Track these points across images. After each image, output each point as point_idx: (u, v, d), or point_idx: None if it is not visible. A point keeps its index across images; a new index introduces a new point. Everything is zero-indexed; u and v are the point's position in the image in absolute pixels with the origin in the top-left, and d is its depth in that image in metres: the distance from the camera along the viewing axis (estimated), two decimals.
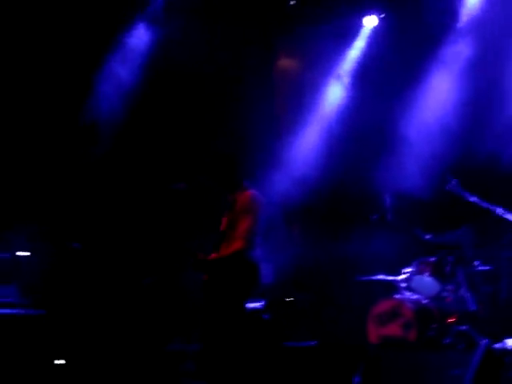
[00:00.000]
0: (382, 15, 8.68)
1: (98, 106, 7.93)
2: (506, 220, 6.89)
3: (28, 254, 6.98)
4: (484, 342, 4.51)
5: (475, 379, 4.22)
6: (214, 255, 5.28)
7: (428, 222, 7.50)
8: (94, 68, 7.87)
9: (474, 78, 7.87)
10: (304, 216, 8.60)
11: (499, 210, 6.89)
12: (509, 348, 6.05)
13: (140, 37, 8.08)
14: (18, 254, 6.92)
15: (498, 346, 6.13)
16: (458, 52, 8.06)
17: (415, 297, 7.17)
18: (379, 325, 7.02)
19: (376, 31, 8.75)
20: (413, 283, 7.28)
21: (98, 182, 7.89)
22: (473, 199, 7.01)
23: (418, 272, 7.32)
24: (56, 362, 6.45)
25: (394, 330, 6.91)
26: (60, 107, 7.77)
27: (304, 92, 9.08)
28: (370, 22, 8.84)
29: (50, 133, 7.77)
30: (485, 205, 6.96)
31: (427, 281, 7.25)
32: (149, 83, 8.05)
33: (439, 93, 8.16)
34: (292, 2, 8.59)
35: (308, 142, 8.80)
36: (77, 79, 7.78)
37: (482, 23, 7.90)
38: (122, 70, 8.01)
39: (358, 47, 8.88)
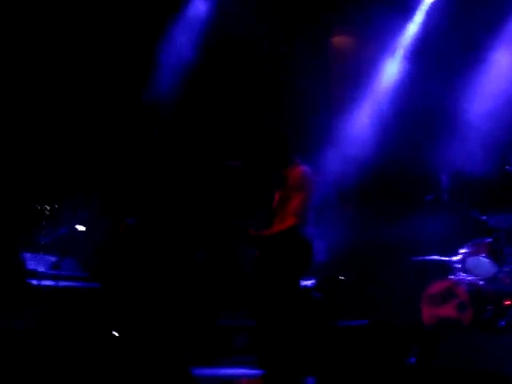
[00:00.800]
0: None
1: (159, 82, 7.97)
2: None
3: (85, 228, 7.10)
4: None
5: None
6: (266, 231, 5.31)
7: (485, 203, 7.36)
8: (155, 41, 7.93)
9: None
10: (358, 195, 8.52)
11: None
12: None
13: (198, 9, 8.15)
14: (77, 228, 7.04)
15: None
16: None
17: (470, 278, 7.05)
18: (433, 305, 6.93)
19: (436, 5, 8.51)
20: (468, 264, 7.16)
21: (156, 158, 7.96)
22: None
23: (474, 253, 7.18)
24: (114, 332, 6.58)
25: (448, 311, 6.82)
26: (123, 83, 7.88)
27: (359, 69, 8.94)
28: None
29: (111, 109, 7.89)
30: None
31: (483, 262, 7.10)
32: (205, 58, 8.08)
33: (501, 71, 7.95)
34: None
35: (363, 119, 8.71)
36: (140, 53, 7.88)
37: None
38: (182, 43, 8.06)
39: (416, 22, 8.68)
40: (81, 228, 7.10)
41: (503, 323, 6.57)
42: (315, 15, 8.75)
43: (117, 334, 6.62)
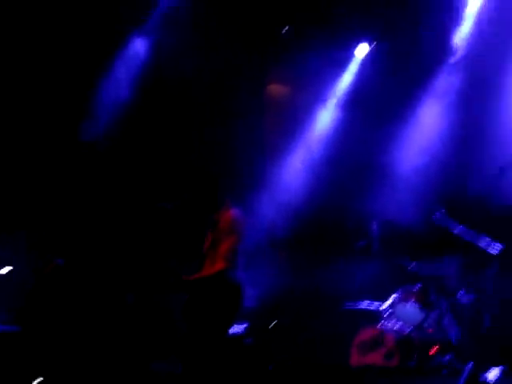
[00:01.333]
0: (374, 44, 8.74)
1: (97, 119, 7.92)
2: (490, 253, 6.90)
3: (9, 269, 6.95)
4: (467, 367, 4.53)
5: None
6: (196, 275, 5.28)
7: (414, 252, 7.51)
8: (94, 79, 7.88)
9: (465, 111, 7.97)
10: (290, 241, 8.56)
11: (484, 242, 6.91)
12: (490, 380, 6.05)
13: (138, 48, 8.13)
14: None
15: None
16: (450, 84, 8.17)
17: (398, 325, 7.18)
18: (362, 353, 7.03)
19: (368, 60, 8.82)
20: (397, 311, 7.30)
21: (85, 197, 7.85)
22: (458, 231, 7.03)
23: (402, 300, 7.33)
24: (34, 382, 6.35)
25: (375, 358, 6.93)
26: (60, 120, 7.77)
27: (294, 117, 9.10)
28: (362, 50, 8.88)
29: (45, 144, 7.74)
30: (469, 237, 6.97)
31: (411, 309, 7.24)
32: (142, 97, 8.07)
33: (430, 123, 8.26)
34: (285, 30, 8.63)
35: (296, 166, 8.81)
36: (78, 88, 7.79)
37: (473, 58, 8.03)
38: (120, 81, 8.04)
39: (349, 75, 8.94)
40: (4, 270, 6.94)
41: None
42: (252, 63, 8.87)
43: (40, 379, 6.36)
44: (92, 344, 6.89)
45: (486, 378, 5.87)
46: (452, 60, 8.22)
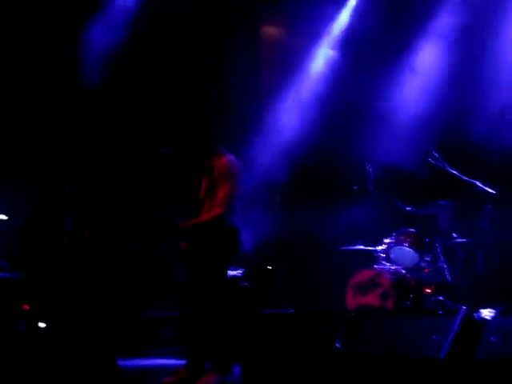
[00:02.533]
0: None
1: (88, 66, 7.85)
2: (484, 193, 7.03)
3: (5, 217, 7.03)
4: (463, 308, 4.53)
5: (453, 344, 4.28)
6: (193, 221, 5.32)
7: (409, 194, 7.61)
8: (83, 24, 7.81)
9: (463, 50, 7.91)
10: (286, 186, 8.63)
11: (478, 184, 7.04)
12: (483, 317, 6.18)
13: None
14: None
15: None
16: (450, 23, 8.06)
17: (394, 267, 7.31)
18: (358, 294, 7.19)
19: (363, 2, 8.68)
20: (392, 253, 7.42)
21: (82, 144, 7.87)
22: (453, 172, 7.13)
23: (398, 243, 7.44)
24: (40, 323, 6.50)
25: (372, 299, 7.08)
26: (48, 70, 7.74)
27: (289, 59, 9.03)
28: None
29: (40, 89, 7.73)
30: (464, 178, 7.09)
31: (406, 251, 7.36)
32: (134, 39, 8.03)
33: (429, 65, 8.20)
34: None
35: (291, 110, 8.78)
36: (65, 38, 7.72)
37: None
38: (108, 27, 7.97)
39: (344, 15, 8.82)
40: (2, 217, 7.01)
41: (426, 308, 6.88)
42: (245, 4, 8.86)
43: (43, 325, 6.53)
44: (92, 293, 7.03)
45: (481, 316, 5.99)
46: None
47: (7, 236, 7.04)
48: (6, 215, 7.05)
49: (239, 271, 7.30)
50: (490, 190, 7.05)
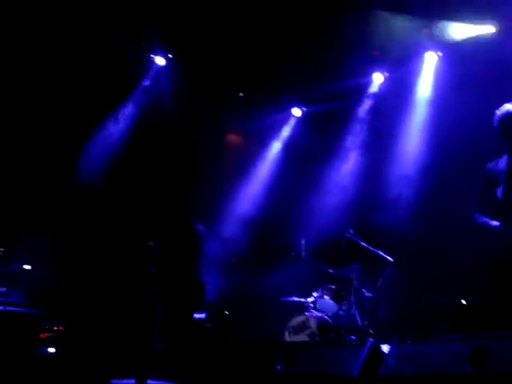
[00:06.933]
0: (304, 109, 10.21)
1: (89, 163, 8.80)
2: (385, 260, 7.91)
3: (30, 267, 7.77)
4: (370, 340, 5.00)
5: (363, 365, 4.70)
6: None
7: (331, 259, 8.43)
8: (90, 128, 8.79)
9: (369, 158, 9.21)
10: (240, 250, 9.61)
11: (380, 253, 8.03)
12: (383, 351, 7.45)
13: (127, 110, 9.48)
14: (24, 267, 7.82)
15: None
16: (359, 138, 9.51)
17: (320, 314, 8.05)
18: (292, 334, 7.97)
19: (301, 119, 10.32)
20: (318, 304, 8.25)
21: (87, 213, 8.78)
22: (363, 244, 8.09)
23: (322, 295, 8.31)
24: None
25: (302, 338, 7.85)
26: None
27: (245, 159, 10.54)
28: (297, 112, 10.43)
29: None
30: (371, 248, 8.06)
31: (328, 302, 8.23)
32: (133, 141, 9.16)
33: (346, 167, 9.54)
34: (240, 94, 10.23)
35: (247, 197, 10.05)
36: (74, 138, 8.66)
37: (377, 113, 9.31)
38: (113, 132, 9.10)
39: (286, 131, 10.42)
40: (27, 267, 7.81)
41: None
42: (214, 118, 10.20)
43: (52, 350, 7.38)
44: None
45: (382, 349, 7.05)
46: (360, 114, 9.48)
47: (31, 283, 7.73)
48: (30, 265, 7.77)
49: (203, 314, 8.21)
50: (389, 258, 7.94)
